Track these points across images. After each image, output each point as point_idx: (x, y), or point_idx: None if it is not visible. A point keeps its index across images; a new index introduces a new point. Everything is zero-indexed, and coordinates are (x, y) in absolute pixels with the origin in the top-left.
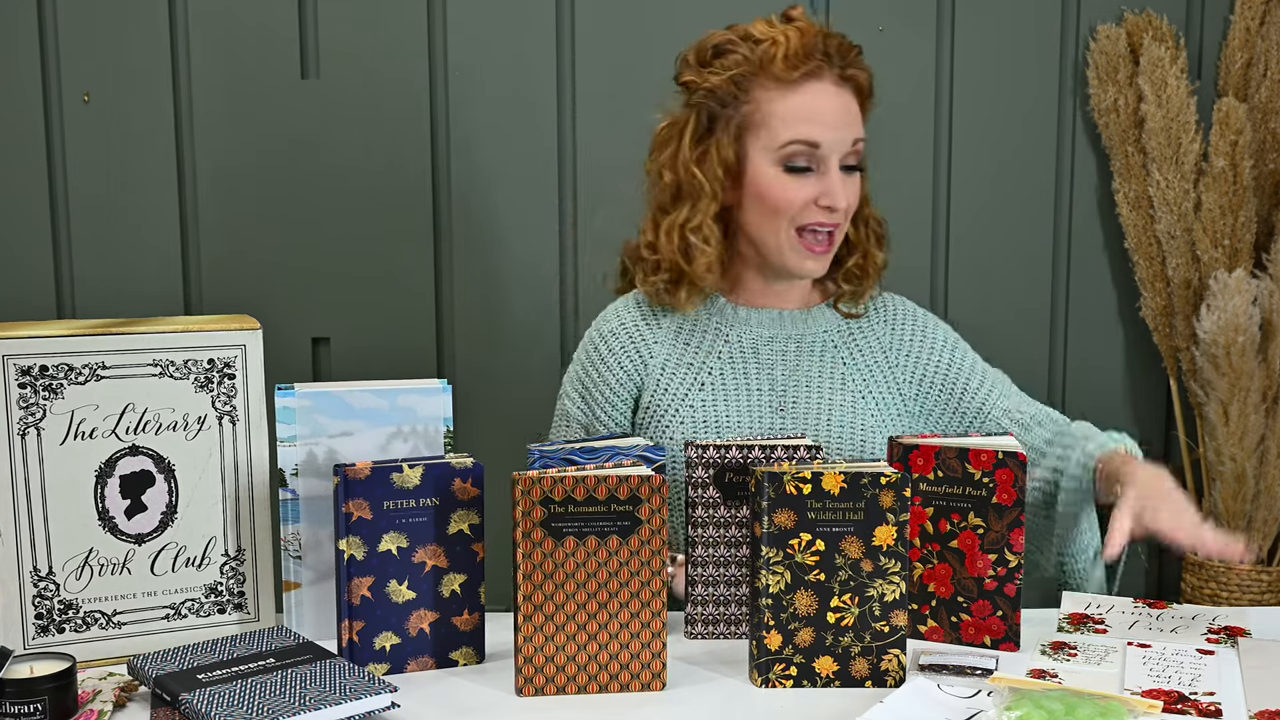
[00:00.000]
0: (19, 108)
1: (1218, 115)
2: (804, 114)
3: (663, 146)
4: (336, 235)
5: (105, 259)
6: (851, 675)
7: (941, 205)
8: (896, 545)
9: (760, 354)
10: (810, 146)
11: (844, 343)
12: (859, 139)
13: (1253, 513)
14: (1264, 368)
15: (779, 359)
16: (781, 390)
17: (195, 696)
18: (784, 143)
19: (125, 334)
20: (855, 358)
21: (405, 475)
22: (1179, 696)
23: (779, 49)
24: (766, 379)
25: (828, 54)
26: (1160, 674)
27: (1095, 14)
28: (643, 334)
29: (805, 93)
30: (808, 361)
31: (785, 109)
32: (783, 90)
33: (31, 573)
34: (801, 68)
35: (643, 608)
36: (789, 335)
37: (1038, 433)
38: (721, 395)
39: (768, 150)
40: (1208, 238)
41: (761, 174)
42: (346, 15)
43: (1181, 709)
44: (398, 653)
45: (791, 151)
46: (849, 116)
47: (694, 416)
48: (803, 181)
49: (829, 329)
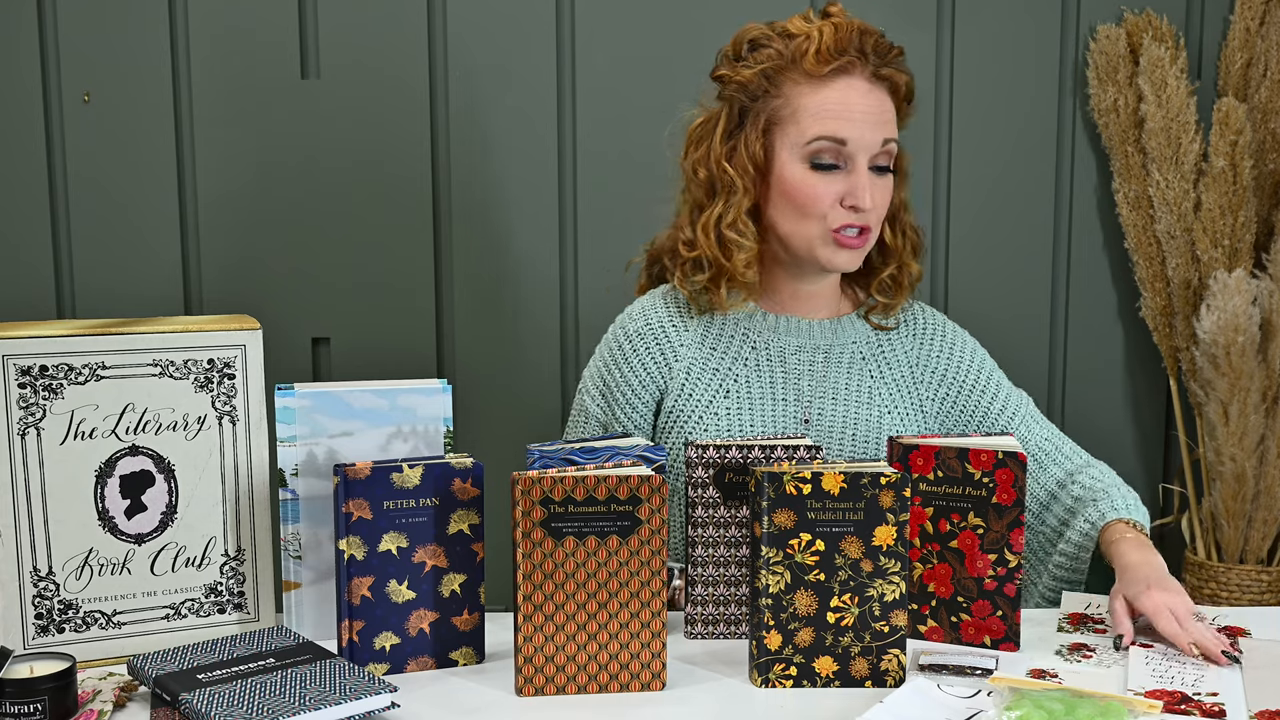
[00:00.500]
0: (19, 108)
1: (1218, 115)
2: (832, 110)
3: (697, 143)
4: (336, 235)
5: (105, 259)
6: (851, 675)
7: (941, 205)
8: (896, 545)
9: (787, 363)
10: (837, 143)
11: (872, 355)
12: (890, 139)
13: (1253, 513)
14: (1264, 368)
15: (806, 369)
16: (808, 401)
17: (195, 696)
18: (810, 139)
19: (125, 334)
20: (883, 371)
21: (405, 475)
22: (1182, 697)
23: (811, 44)
24: (793, 389)
25: (863, 51)
26: (1164, 675)
27: (1095, 14)
28: (669, 336)
29: (834, 88)
30: (834, 373)
31: (813, 104)
32: (813, 85)
33: (31, 573)
34: (832, 63)
35: (643, 608)
36: (817, 345)
37: (1052, 472)
38: (746, 403)
39: (795, 147)
40: (1207, 238)
41: (788, 171)
42: (346, 15)
43: (1185, 710)
44: (398, 653)
45: (817, 148)
46: (880, 115)
47: (718, 424)
48: (830, 180)
49: (858, 340)
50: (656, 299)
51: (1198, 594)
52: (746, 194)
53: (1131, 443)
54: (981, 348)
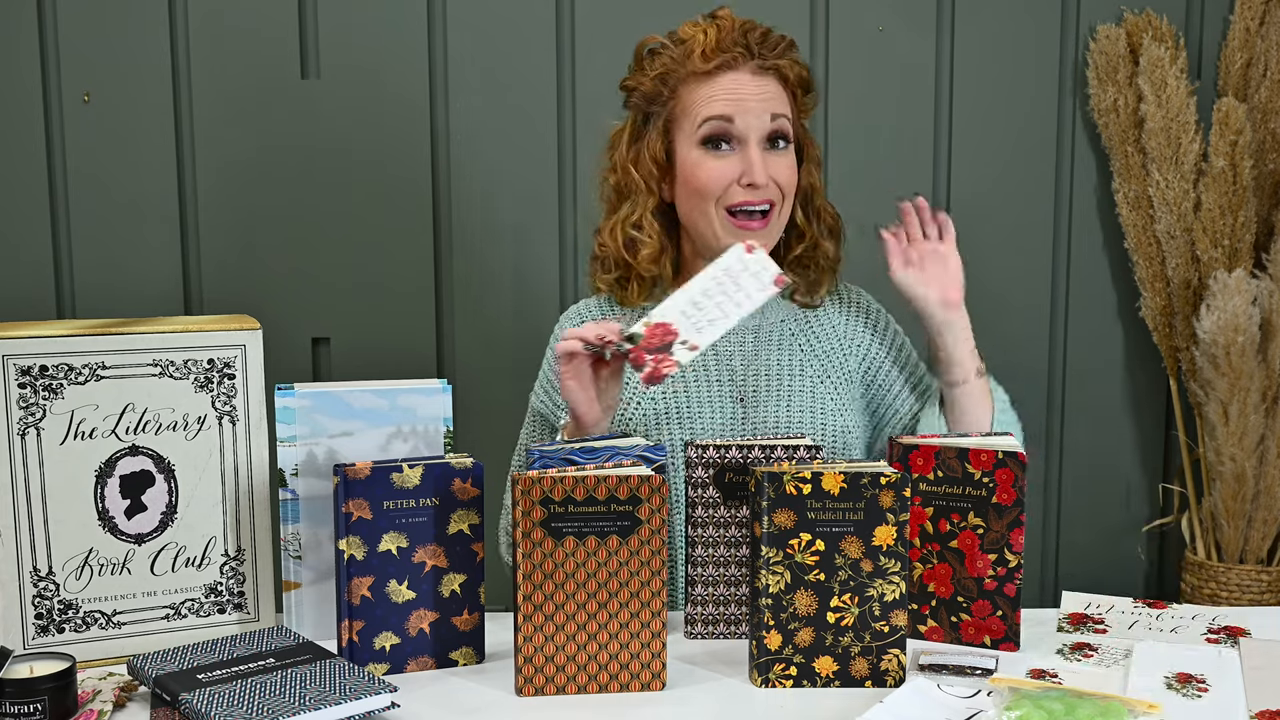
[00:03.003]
0: (19, 108)
1: (1218, 115)
2: (719, 95)
3: (610, 151)
4: (336, 235)
5: (105, 259)
6: (851, 675)
7: (941, 205)
8: (896, 545)
9: (718, 346)
10: (724, 121)
11: (801, 330)
12: (779, 114)
13: (1253, 513)
14: (1264, 368)
15: (736, 349)
16: (741, 380)
17: (195, 696)
18: (700, 122)
19: (125, 334)
20: (813, 344)
21: (405, 475)
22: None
23: (697, 45)
24: (726, 369)
25: (747, 46)
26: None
27: (1095, 14)
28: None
29: (720, 81)
30: (765, 350)
31: (702, 95)
32: (700, 81)
33: (31, 573)
34: (715, 59)
35: (643, 608)
36: (745, 326)
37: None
38: (681, 387)
39: (690, 136)
40: (1207, 238)
41: (686, 159)
42: (346, 15)
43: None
44: (398, 653)
45: (707, 130)
46: (765, 95)
47: (655, 408)
48: (724, 161)
49: (786, 318)
50: (596, 301)
51: (1198, 594)
52: (651, 194)
53: (1131, 443)
54: (906, 340)
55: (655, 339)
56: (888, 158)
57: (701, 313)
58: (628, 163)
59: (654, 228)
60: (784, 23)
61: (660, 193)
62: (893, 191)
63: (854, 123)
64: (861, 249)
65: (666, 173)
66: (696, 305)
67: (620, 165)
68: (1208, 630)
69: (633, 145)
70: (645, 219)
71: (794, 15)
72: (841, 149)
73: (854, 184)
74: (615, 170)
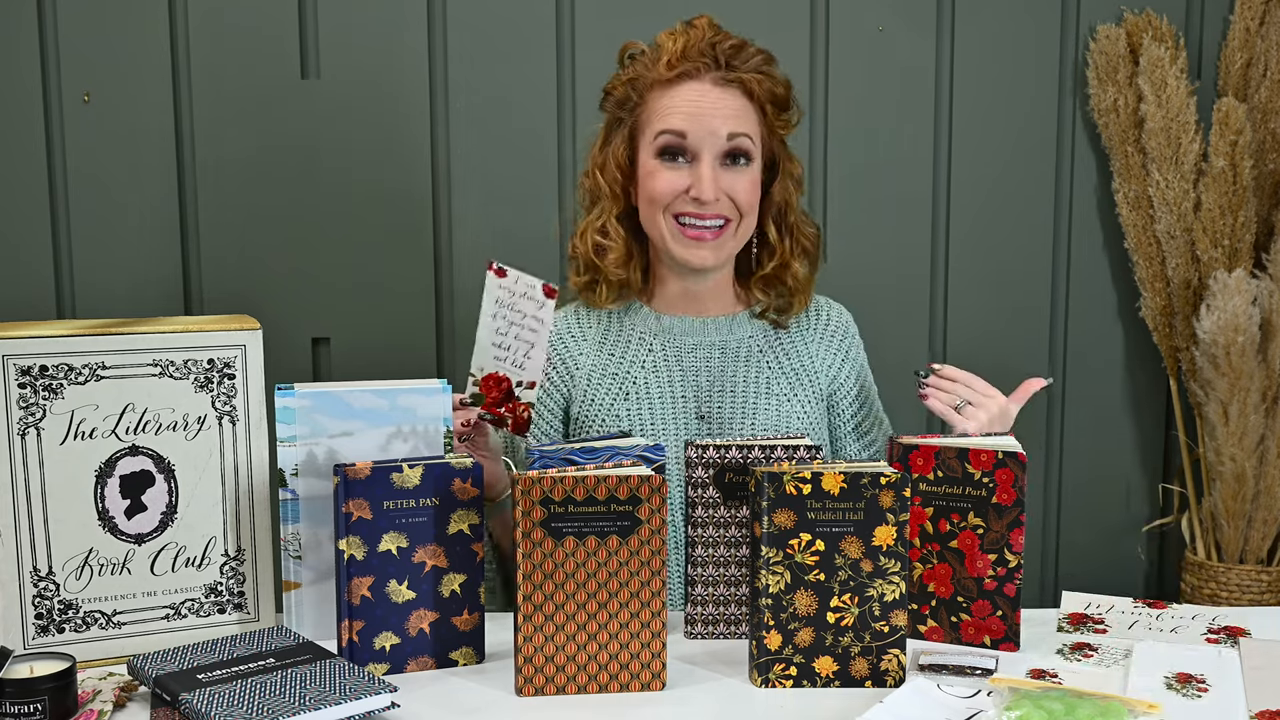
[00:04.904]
0: (19, 108)
1: (1217, 115)
2: (677, 106)
3: (587, 158)
4: (337, 235)
5: (105, 259)
6: (851, 675)
7: (941, 205)
8: (896, 545)
9: (684, 361)
10: (677, 136)
11: (769, 347)
12: (738, 133)
13: (1253, 513)
14: (1264, 368)
15: (703, 365)
16: (706, 397)
17: (195, 696)
18: (655, 134)
19: (125, 334)
20: (781, 362)
21: (405, 475)
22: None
23: (665, 53)
24: (691, 386)
25: (714, 58)
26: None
27: (1095, 14)
28: (569, 346)
29: (680, 91)
30: (732, 367)
31: (662, 105)
32: (663, 90)
33: (31, 573)
34: (679, 67)
35: (643, 608)
36: (712, 342)
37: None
38: (646, 404)
39: (649, 145)
40: (1207, 238)
41: (644, 167)
42: (346, 15)
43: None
44: (398, 653)
45: (661, 143)
46: (724, 111)
47: (619, 426)
48: (676, 173)
49: (754, 334)
50: (565, 311)
51: (1198, 594)
52: (616, 200)
53: (1131, 443)
54: (869, 373)
55: (495, 390)
56: (888, 158)
57: (510, 351)
58: (596, 168)
59: (619, 233)
60: (784, 23)
61: (627, 198)
62: (892, 192)
63: (854, 123)
64: (853, 255)
65: (632, 178)
66: (501, 346)
67: (593, 170)
68: (1208, 630)
69: (603, 150)
70: (610, 224)
71: (794, 15)
72: (841, 149)
73: (854, 184)
74: (588, 175)
